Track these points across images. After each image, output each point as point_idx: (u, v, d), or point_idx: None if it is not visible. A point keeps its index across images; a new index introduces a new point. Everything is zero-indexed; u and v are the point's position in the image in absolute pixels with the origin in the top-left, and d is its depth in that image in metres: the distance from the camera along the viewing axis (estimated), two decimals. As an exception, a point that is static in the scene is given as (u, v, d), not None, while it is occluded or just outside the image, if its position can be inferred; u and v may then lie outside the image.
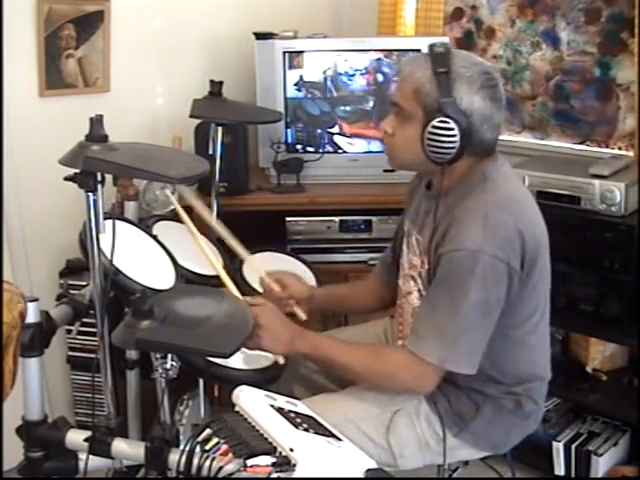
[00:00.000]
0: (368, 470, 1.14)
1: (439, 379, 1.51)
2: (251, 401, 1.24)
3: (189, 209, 2.33)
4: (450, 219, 1.49)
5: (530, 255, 1.48)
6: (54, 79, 2.25)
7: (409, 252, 1.67)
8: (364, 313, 1.93)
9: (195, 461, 1.22)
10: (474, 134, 1.46)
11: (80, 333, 1.85)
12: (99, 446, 1.43)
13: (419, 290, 1.61)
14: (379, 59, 2.46)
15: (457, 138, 1.44)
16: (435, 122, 1.45)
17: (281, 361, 1.56)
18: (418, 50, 2.41)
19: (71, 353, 2.30)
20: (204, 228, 2.03)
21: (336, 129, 2.51)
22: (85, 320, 1.68)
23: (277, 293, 1.79)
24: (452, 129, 1.44)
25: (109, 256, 1.42)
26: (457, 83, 1.45)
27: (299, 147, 2.53)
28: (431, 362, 1.46)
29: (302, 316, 1.79)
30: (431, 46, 1.49)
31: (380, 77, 2.47)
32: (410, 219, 1.71)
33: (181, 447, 1.25)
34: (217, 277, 1.83)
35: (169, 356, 1.37)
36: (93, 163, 1.29)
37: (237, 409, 1.25)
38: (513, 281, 1.46)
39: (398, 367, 1.52)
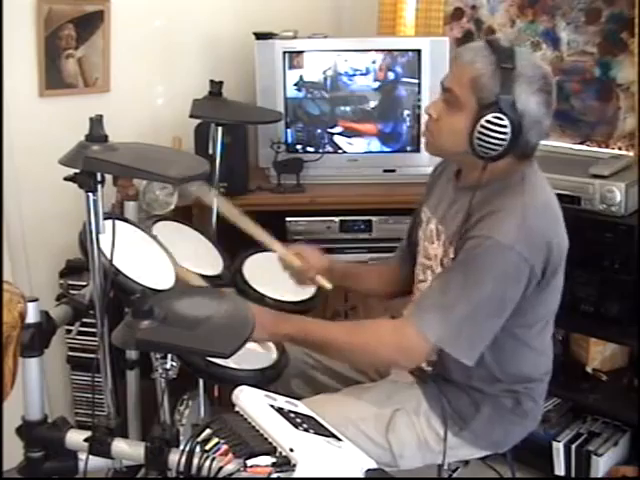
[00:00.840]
0: (368, 470, 1.14)
1: (427, 357, 1.49)
2: (251, 401, 1.25)
3: (188, 209, 2.34)
4: (484, 211, 1.47)
5: (552, 267, 1.48)
6: (54, 79, 2.26)
7: (425, 240, 1.67)
8: (375, 296, 1.88)
9: (195, 461, 1.22)
10: (522, 135, 1.45)
11: (80, 333, 1.85)
12: (99, 446, 1.43)
13: None
14: (386, 58, 2.46)
15: (508, 136, 1.43)
16: (490, 116, 1.43)
17: (273, 355, 1.52)
18: (418, 50, 2.42)
19: (71, 353, 2.30)
20: (204, 228, 2.04)
21: (336, 129, 2.51)
22: (85, 320, 1.68)
23: (299, 266, 1.78)
24: (505, 126, 1.42)
25: (109, 256, 1.42)
26: (518, 81, 1.43)
27: (299, 147, 2.53)
28: (428, 337, 1.43)
29: (327, 285, 1.79)
30: (493, 39, 1.47)
31: (391, 75, 2.46)
32: (431, 207, 1.69)
33: (181, 447, 1.25)
34: (217, 277, 1.83)
35: (169, 356, 1.37)
36: (93, 163, 1.29)
37: (237, 409, 1.25)
38: (531, 285, 1.46)
39: (384, 334, 1.48)
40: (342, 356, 1.58)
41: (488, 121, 1.43)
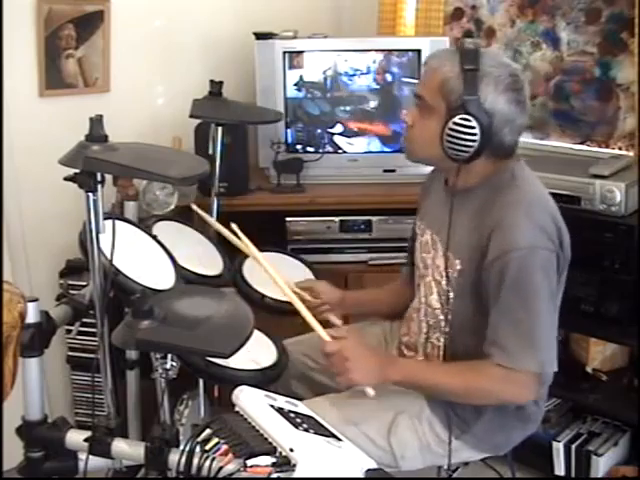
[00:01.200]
0: (368, 470, 1.14)
1: (540, 383, 1.50)
2: (251, 401, 1.25)
3: (188, 209, 2.33)
4: (487, 221, 1.48)
5: (565, 251, 1.50)
6: (54, 79, 2.25)
7: (421, 251, 1.67)
8: (392, 316, 1.89)
9: (195, 461, 1.22)
10: (494, 135, 1.46)
11: (80, 333, 1.85)
12: (99, 446, 1.43)
13: (439, 293, 1.59)
14: (386, 58, 2.46)
15: (477, 137, 1.44)
16: (457, 119, 1.44)
17: (371, 393, 1.51)
18: (418, 50, 2.42)
19: (71, 353, 2.30)
20: (204, 228, 2.04)
21: (336, 129, 2.51)
22: (85, 320, 1.68)
23: (310, 302, 1.77)
24: (473, 127, 1.43)
25: (109, 256, 1.42)
26: (484, 82, 1.44)
27: (299, 147, 2.53)
28: (531, 370, 1.45)
29: (337, 322, 1.80)
30: (461, 42, 1.48)
31: (389, 77, 2.46)
32: (423, 219, 1.70)
33: (181, 447, 1.25)
34: (217, 277, 1.83)
35: (169, 356, 1.37)
36: (93, 163, 1.29)
37: (237, 409, 1.25)
38: (559, 271, 1.49)
39: (497, 381, 1.48)
40: (458, 398, 1.55)
41: (455, 123, 1.44)
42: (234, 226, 1.84)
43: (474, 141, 1.44)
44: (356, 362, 1.48)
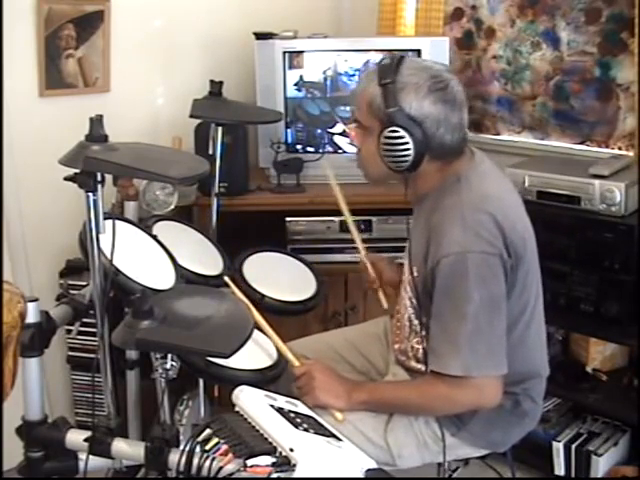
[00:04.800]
0: (368, 470, 1.15)
1: (497, 387, 1.49)
2: (251, 401, 1.25)
3: (188, 209, 2.34)
4: (429, 226, 1.50)
5: (514, 248, 1.47)
6: (54, 79, 2.25)
7: (404, 256, 1.69)
8: None
9: (195, 461, 1.22)
10: (431, 139, 1.47)
11: (80, 333, 1.85)
12: (99, 446, 1.43)
13: (410, 298, 1.61)
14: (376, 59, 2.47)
15: (410, 145, 1.45)
16: (386, 132, 1.46)
17: (339, 417, 1.54)
18: (418, 50, 2.42)
19: (71, 353, 2.30)
20: (204, 228, 2.04)
21: (336, 129, 2.51)
22: (85, 320, 1.68)
23: (370, 276, 1.86)
24: (402, 137, 1.45)
25: (109, 256, 1.42)
26: (404, 92, 1.46)
27: (299, 147, 2.53)
28: (457, 374, 1.45)
29: (384, 304, 1.83)
30: (381, 59, 1.51)
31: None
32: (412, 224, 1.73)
33: (181, 447, 1.25)
34: (217, 277, 1.83)
35: (169, 356, 1.37)
36: (93, 163, 1.29)
37: (237, 409, 1.25)
38: (508, 271, 1.47)
39: (450, 388, 1.48)
40: (423, 412, 1.59)
41: (387, 137, 1.47)
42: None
43: (408, 149, 1.46)
44: (322, 383, 1.55)
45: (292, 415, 1.24)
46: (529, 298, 1.56)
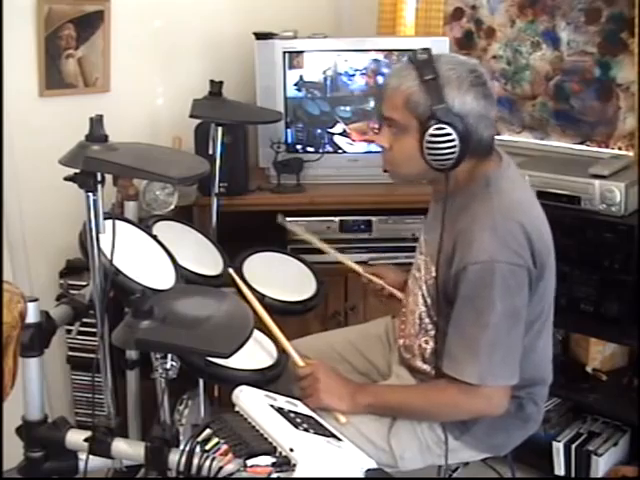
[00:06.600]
0: (368, 470, 1.15)
1: (505, 397, 1.49)
2: (251, 401, 1.25)
3: (188, 209, 2.34)
4: (456, 229, 1.48)
5: (540, 258, 1.47)
6: (54, 79, 2.25)
7: (417, 252, 1.68)
8: None
9: (195, 461, 1.22)
10: (472, 135, 1.45)
11: (80, 333, 1.85)
12: (99, 446, 1.43)
13: (423, 296, 1.60)
14: (377, 60, 2.46)
15: (456, 142, 1.43)
16: (432, 130, 1.43)
17: (342, 420, 1.54)
18: (418, 50, 2.42)
19: (71, 353, 2.30)
20: (204, 228, 2.04)
21: (336, 129, 2.51)
22: (85, 320, 1.68)
23: (376, 284, 1.89)
24: (450, 134, 1.43)
25: (109, 256, 1.42)
26: (447, 87, 1.44)
27: (299, 147, 2.53)
28: (472, 382, 1.44)
29: (399, 295, 1.82)
30: (413, 53, 1.48)
31: (380, 79, 2.46)
32: (425, 219, 1.73)
33: (181, 447, 1.25)
34: (217, 277, 1.83)
35: (169, 356, 1.37)
36: (93, 163, 1.29)
37: (237, 409, 1.25)
38: (532, 282, 1.46)
39: (459, 396, 1.48)
40: (428, 418, 1.59)
41: (432, 135, 1.43)
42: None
43: (454, 147, 1.44)
44: (326, 385, 1.54)
45: (292, 415, 1.24)
46: (544, 306, 1.56)
